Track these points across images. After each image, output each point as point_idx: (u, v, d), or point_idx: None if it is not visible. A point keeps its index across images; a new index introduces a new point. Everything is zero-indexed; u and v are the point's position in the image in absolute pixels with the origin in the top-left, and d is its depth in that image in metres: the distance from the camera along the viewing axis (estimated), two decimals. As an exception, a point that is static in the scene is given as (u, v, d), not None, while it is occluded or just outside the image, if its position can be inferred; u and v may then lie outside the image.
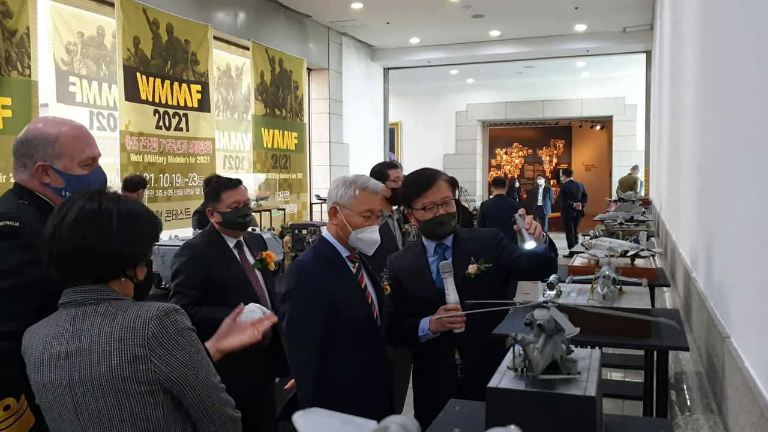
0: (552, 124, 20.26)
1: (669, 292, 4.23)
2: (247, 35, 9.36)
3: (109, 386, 1.55)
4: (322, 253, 2.51)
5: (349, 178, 2.56)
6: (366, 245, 2.51)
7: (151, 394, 1.58)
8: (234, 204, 3.23)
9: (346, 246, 2.53)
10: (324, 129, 11.90)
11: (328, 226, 2.57)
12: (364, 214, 2.48)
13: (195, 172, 7.93)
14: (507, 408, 1.36)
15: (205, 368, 1.66)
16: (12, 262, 1.80)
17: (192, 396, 1.62)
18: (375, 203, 2.52)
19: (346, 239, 2.50)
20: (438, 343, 2.62)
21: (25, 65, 5.60)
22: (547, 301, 1.47)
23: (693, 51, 3.57)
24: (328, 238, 2.55)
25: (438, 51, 13.43)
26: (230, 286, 3.15)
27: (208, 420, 1.66)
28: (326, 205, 2.60)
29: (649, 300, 2.58)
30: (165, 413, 1.60)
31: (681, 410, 2.31)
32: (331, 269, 2.48)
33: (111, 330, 1.56)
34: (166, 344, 1.58)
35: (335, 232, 2.53)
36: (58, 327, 1.61)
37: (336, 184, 2.55)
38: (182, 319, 1.64)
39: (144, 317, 1.57)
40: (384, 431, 0.77)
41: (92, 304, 1.61)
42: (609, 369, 4.93)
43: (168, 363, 1.57)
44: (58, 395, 1.58)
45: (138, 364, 1.55)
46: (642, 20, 11.30)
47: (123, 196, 1.71)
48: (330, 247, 2.53)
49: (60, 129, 2.03)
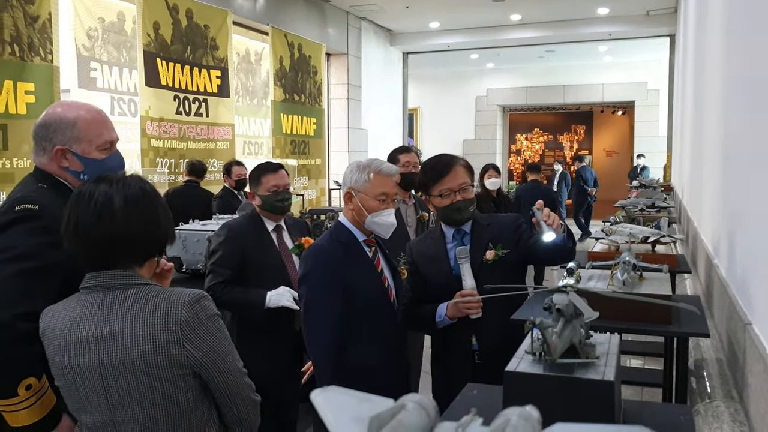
0: (573, 109, 20.05)
1: (690, 278, 4.19)
2: (267, 20, 9.35)
3: (142, 370, 1.59)
4: (339, 237, 2.52)
5: (363, 162, 2.56)
6: (382, 229, 2.52)
7: (182, 378, 1.62)
8: (273, 188, 3.30)
9: (363, 230, 2.54)
10: (343, 114, 11.89)
11: (344, 211, 2.58)
12: (379, 198, 2.49)
13: (215, 158, 7.98)
14: (524, 392, 1.36)
15: (231, 353, 1.71)
16: (31, 245, 1.82)
17: (220, 380, 1.67)
18: (390, 186, 2.53)
19: (362, 223, 2.51)
20: (455, 328, 2.62)
21: (47, 51, 5.65)
22: (566, 285, 1.46)
23: (718, 34, 3.51)
24: (345, 222, 2.56)
25: (458, 35, 13.32)
26: (264, 268, 3.24)
27: (231, 402, 1.72)
28: (341, 190, 2.61)
29: (669, 286, 2.56)
30: (194, 396, 1.65)
31: (701, 397, 2.30)
32: (348, 253, 2.49)
33: (143, 315, 1.60)
34: (198, 330, 1.62)
35: (351, 217, 2.54)
36: (84, 310, 1.63)
37: (350, 169, 2.55)
38: (210, 305, 1.69)
39: (177, 303, 1.61)
40: (401, 409, 0.78)
41: (120, 288, 1.64)
42: (628, 356, 4.91)
43: (199, 348, 1.62)
44: (87, 378, 1.61)
45: (171, 349, 1.59)
46: (666, 3, 11.12)
47: (137, 178, 1.74)
48: (346, 231, 2.54)
49: (78, 113, 2.05)
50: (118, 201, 1.63)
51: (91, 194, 1.65)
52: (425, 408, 0.78)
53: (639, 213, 5.23)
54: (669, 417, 1.51)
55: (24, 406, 1.78)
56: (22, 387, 1.77)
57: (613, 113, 20.00)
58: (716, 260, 3.10)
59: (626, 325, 2.26)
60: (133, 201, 1.65)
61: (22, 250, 1.81)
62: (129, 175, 1.73)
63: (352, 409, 0.80)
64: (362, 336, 2.46)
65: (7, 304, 1.74)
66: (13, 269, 1.78)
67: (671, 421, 1.48)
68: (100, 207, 1.63)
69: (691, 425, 1.45)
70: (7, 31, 5.29)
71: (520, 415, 0.77)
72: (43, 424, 1.82)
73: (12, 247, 1.80)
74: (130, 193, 1.66)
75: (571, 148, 21.43)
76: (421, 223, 3.94)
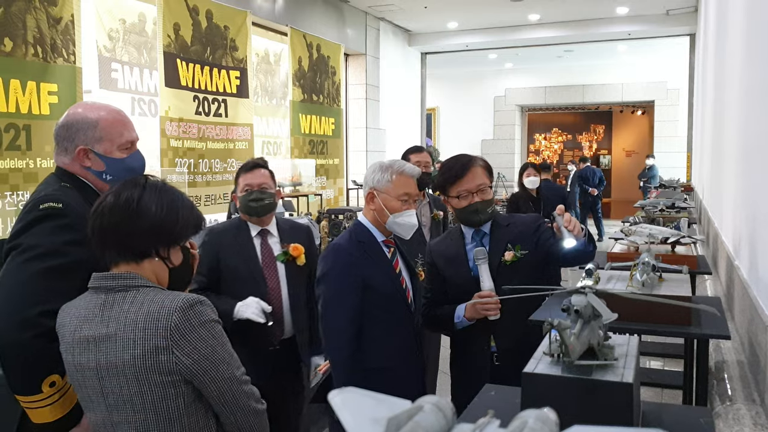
0: (592, 109, 19.94)
1: (710, 280, 4.16)
2: (285, 21, 9.39)
3: (133, 374, 1.57)
4: (358, 237, 2.53)
5: (386, 162, 2.58)
6: (403, 229, 2.53)
7: (173, 384, 1.59)
8: (246, 187, 3.04)
9: (382, 231, 2.55)
10: (361, 114, 11.90)
11: (364, 211, 2.59)
12: (402, 198, 2.50)
13: (234, 158, 8.02)
14: (542, 393, 1.36)
15: (227, 361, 1.66)
16: (55, 243, 1.85)
17: (213, 389, 1.63)
18: (412, 187, 2.55)
19: (384, 224, 2.52)
20: (473, 330, 2.62)
21: (70, 52, 5.71)
22: (585, 286, 1.45)
23: (739, 33, 3.48)
24: (364, 222, 2.57)
25: (476, 35, 13.29)
26: (236, 276, 2.98)
27: (229, 412, 1.67)
28: (363, 191, 2.62)
29: (689, 287, 2.54)
30: (186, 403, 1.62)
31: (721, 400, 2.28)
32: (367, 253, 2.50)
33: (136, 319, 1.58)
34: (189, 336, 1.59)
35: (372, 217, 2.55)
36: (88, 311, 1.64)
37: (372, 169, 2.57)
38: (207, 310, 1.65)
39: (168, 308, 1.58)
40: (418, 410, 0.78)
41: (122, 290, 1.63)
42: (648, 357, 4.87)
43: (189, 355, 1.58)
44: (87, 377, 1.63)
45: (160, 355, 1.56)
46: (686, 2, 11.01)
47: (169, 185, 1.76)
48: (366, 231, 2.55)
49: (99, 113, 2.08)
50: (131, 186, 1.67)
51: (113, 188, 1.70)
52: (442, 409, 0.78)
53: (659, 213, 5.19)
54: (689, 419, 1.50)
55: (47, 403, 1.80)
56: (46, 384, 1.79)
57: (633, 113, 19.87)
58: (737, 261, 3.07)
59: (645, 326, 2.24)
60: (151, 188, 1.68)
61: (47, 248, 1.83)
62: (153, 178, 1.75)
63: (369, 410, 0.81)
64: (379, 337, 2.46)
65: (33, 302, 1.77)
66: (38, 267, 1.81)
67: (691, 423, 1.47)
68: (117, 191, 1.68)
69: (711, 428, 1.44)
70: (30, 32, 5.36)
71: (537, 417, 0.77)
72: (65, 421, 1.84)
73: (37, 245, 1.83)
74: (150, 184, 1.69)
75: (590, 148, 21.31)
76: (436, 222, 3.95)
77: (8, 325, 1.76)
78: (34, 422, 1.83)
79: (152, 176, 1.77)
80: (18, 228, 1.89)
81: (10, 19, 5.22)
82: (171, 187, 1.74)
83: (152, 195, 1.67)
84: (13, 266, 1.83)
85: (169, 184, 1.78)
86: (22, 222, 1.89)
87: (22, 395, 1.80)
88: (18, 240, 1.86)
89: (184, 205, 1.72)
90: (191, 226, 1.75)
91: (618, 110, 20.10)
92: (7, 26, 5.18)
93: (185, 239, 1.75)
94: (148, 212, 1.64)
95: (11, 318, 1.76)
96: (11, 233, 1.91)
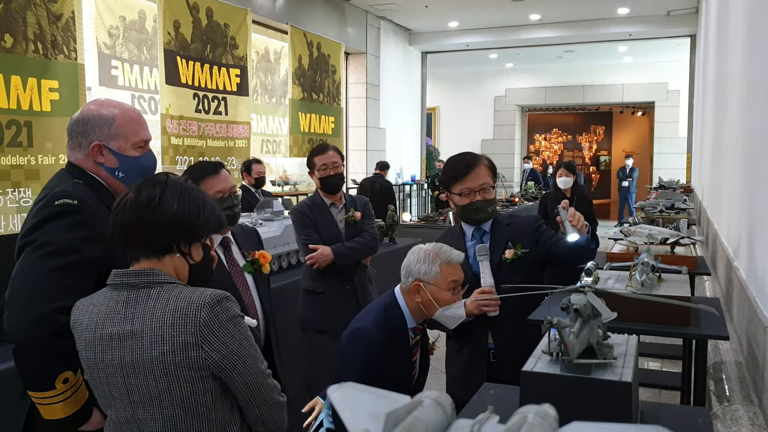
0: (592, 109, 19.93)
1: (709, 281, 4.16)
2: (286, 19, 9.39)
3: (161, 370, 1.58)
4: (391, 320, 2.37)
5: (431, 251, 2.40)
6: (450, 321, 2.45)
7: (201, 380, 1.60)
8: (218, 193, 2.64)
9: (417, 318, 2.42)
10: (361, 113, 11.90)
11: (405, 297, 2.41)
12: (450, 287, 2.37)
13: (234, 156, 8.02)
14: (541, 392, 1.36)
15: (253, 355, 1.68)
16: (70, 239, 1.85)
17: (240, 382, 1.65)
18: (459, 274, 2.40)
19: (430, 315, 2.39)
20: (471, 326, 2.62)
21: (71, 49, 5.71)
22: (584, 285, 1.46)
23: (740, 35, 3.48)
24: (401, 304, 2.41)
25: (477, 35, 13.29)
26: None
27: (254, 405, 1.69)
28: (404, 279, 2.42)
29: (688, 288, 2.54)
30: (213, 398, 1.63)
31: (719, 400, 2.28)
32: (393, 344, 2.35)
33: (163, 315, 1.59)
34: (217, 332, 1.60)
35: (415, 306, 2.39)
36: (110, 308, 1.64)
37: (417, 259, 2.38)
38: (232, 306, 1.66)
39: (196, 304, 1.59)
40: (417, 405, 0.78)
41: (144, 287, 1.63)
42: (646, 358, 4.87)
43: (218, 350, 1.60)
44: (110, 374, 1.62)
45: (189, 351, 1.57)
46: (687, 3, 11.02)
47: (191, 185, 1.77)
48: (400, 315, 2.40)
49: (115, 111, 2.09)
50: (153, 184, 1.68)
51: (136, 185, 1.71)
52: (441, 405, 0.78)
53: (658, 214, 5.19)
54: (687, 419, 1.50)
55: (60, 399, 1.81)
56: (60, 380, 1.79)
57: (633, 114, 19.86)
58: (736, 262, 3.07)
59: (644, 326, 2.25)
60: (172, 186, 1.69)
61: (61, 245, 1.84)
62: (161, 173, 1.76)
63: (368, 405, 0.81)
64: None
65: (48, 298, 1.77)
66: (53, 264, 1.81)
67: (689, 423, 1.47)
68: (140, 186, 1.69)
69: (709, 428, 1.44)
70: (30, 29, 5.36)
71: (536, 413, 0.77)
72: (77, 417, 1.85)
73: (52, 242, 1.84)
74: (171, 181, 1.70)
75: (590, 148, 21.31)
76: (350, 223, 3.87)
77: (24, 321, 1.76)
78: (46, 418, 1.83)
79: (173, 174, 1.78)
80: (32, 224, 1.89)
81: (11, 15, 5.22)
82: (193, 186, 1.77)
83: (174, 193, 1.68)
84: (28, 262, 1.84)
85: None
86: (36, 218, 1.90)
87: (35, 391, 1.81)
88: (33, 236, 1.86)
89: (205, 203, 1.74)
90: (213, 223, 1.77)
91: (618, 111, 20.10)
92: (7, 22, 5.18)
93: (206, 236, 1.77)
94: (169, 208, 1.65)
95: (28, 314, 1.76)
96: (25, 229, 1.91)
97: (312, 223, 3.79)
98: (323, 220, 3.83)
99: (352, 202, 3.98)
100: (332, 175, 3.83)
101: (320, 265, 3.69)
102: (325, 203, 3.87)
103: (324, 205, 3.87)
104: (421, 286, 2.35)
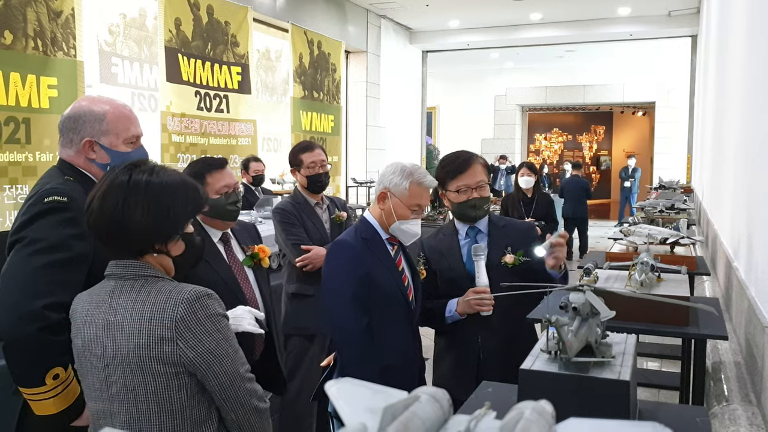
0: (593, 109, 19.93)
1: (709, 281, 4.16)
2: (287, 17, 9.39)
3: (136, 363, 1.57)
4: (363, 233, 2.51)
5: (408, 167, 2.49)
6: (406, 236, 2.52)
7: (176, 376, 1.59)
8: (225, 188, 2.67)
9: (386, 229, 2.53)
10: (361, 112, 11.90)
11: (372, 208, 2.56)
12: (413, 208, 2.47)
13: (236, 154, 8.01)
14: (540, 390, 1.36)
15: (231, 357, 1.64)
16: (60, 236, 1.85)
17: (214, 383, 1.62)
18: (425, 199, 2.50)
19: (388, 225, 2.50)
20: (462, 325, 2.63)
21: (70, 46, 5.70)
22: (583, 284, 1.46)
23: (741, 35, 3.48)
24: (370, 219, 2.54)
25: (477, 34, 13.28)
26: (213, 288, 2.45)
27: (229, 408, 1.66)
28: (376, 187, 2.57)
29: (687, 287, 2.54)
30: (189, 395, 1.61)
31: (718, 400, 2.29)
32: (371, 249, 2.48)
33: (143, 308, 1.58)
34: (194, 329, 1.58)
35: (378, 216, 2.52)
36: (99, 297, 1.65)
37: (392, 170, 2.49)
38: (214, 304, 1.63)
39: (175, 299, 1.58)
40: (414, 400, 0.78)
41: (131, 279, 1.63)
42: (645, 358, 4.87)
43: (193, 348, 1.57)
44: (94, 364, 1.63)
45: (164, 346, 1.56)
46: (688, 4, 11.02)
47: (160, 168, 1.70)
48: (371, 228, 2.53)
49: (106, 107, 2.09)
50: (115, 187, 1.62)
51: (102, 179, 1.67)
52: (438, 400, 0.78)
53: (658, 214, 5.19)
54: (685, 419, 1.50)
55: (51, 395, 1.81)
56: (50, 376, 1.80)
57: (633, 114, 19.86)
58: (735, 263, 3.07)
59: (643, 326, 2.24)
60: (133, 189, 1.61)
61: (51, 242, 1.84)
62: (142, 163, 1.70)
63: (366, 400, 0.81)
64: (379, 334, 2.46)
65: (37, 295, 1.77)
66: (42, 260, 1.82)
67: (687, 422, 1.47)
68: (103, 190, 1.62)
69: (707, 427, 1.44)
70: (30, 25, 5.35)
71: (533, 409, 0.77)
72: (68, 413, 1.85)
73: (42, 239, 1.84)
74: (133, 180, 1.62)
75: (590, 148, 21.32)
76: (337, 223, 3.79)
77: (14, 317, 1.76)
78: (37, 414, 1.83)
79: (141, 162, 1.70)
80: (22, 221, 1.89)
81: (10, 11, 5.21)
82: (158, 180, 1.65)
83: (137, 197, 1.60)
84: (17, 259, 1.84)
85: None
86: (26, 215, 1.89)
87: (25, 387, 1.81)
88: (22, 233, 1.86)
89: (174, 199, 1.65)
90: (188, 212, 1.70)
91: (619, 111, 20.10)
92: (7, 19, 5.18)
93: (181, 231, 1.70)
94: (132, 219, 1.59)
95: (17, 311, 1.76)
96: (15, 226, 1.91)
97: (299, 223, 3.65)
98: (310, 221, 3.70)
99: (332, 203, 3.91)
100: (321, 173, 3.72)
101: (314, 266, 3.51)
102: (309, 203, 3.75)
103: (309, 205, 3.74)
104: (387, 195, 2.48)
